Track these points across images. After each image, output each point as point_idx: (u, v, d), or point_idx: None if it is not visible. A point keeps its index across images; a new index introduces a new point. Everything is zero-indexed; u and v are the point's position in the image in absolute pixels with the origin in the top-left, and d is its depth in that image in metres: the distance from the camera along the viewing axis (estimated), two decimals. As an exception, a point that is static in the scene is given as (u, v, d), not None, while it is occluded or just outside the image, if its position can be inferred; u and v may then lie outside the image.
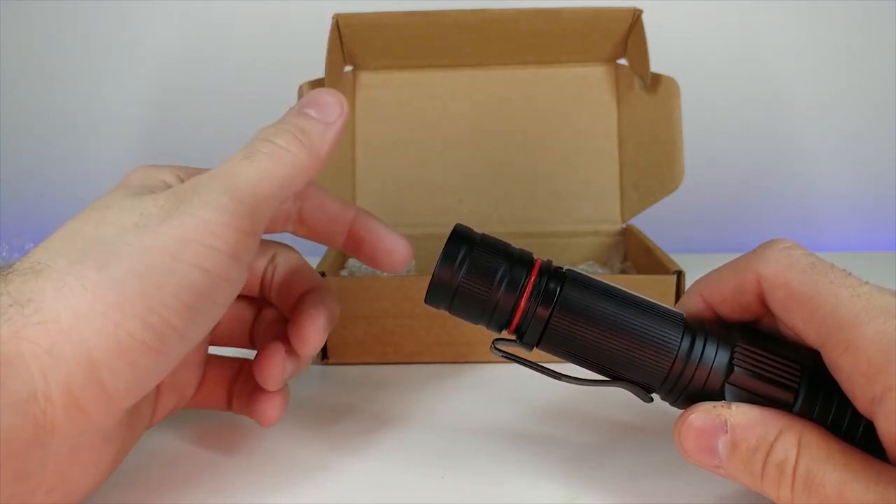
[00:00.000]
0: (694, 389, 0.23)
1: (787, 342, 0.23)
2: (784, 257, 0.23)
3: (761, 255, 0.23)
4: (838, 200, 0.62)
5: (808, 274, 0.22)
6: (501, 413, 0.32)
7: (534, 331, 0.23)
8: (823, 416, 0.22)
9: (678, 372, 0.23)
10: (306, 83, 0.43)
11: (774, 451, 0.21)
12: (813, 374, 0.22)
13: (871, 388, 0.20)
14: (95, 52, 0.61)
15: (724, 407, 0.22)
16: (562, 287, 0.23)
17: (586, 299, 0.23)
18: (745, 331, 0.24)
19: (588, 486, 0.26)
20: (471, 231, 0.24)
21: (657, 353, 0.23)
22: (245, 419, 0.29)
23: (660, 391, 0.24)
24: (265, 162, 0.23)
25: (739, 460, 0.21)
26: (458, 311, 0.24)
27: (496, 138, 0.50)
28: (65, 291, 0.20)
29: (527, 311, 0.23)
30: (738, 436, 0.21)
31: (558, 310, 0.23)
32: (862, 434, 0.21)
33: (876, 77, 0.59)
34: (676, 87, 0.43)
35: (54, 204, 0.62)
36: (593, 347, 0.23)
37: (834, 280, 0.21)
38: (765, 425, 0.21)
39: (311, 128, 0.24)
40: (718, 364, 0.22)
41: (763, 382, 0.22)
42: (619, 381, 0.24)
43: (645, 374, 0.23)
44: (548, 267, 0.24)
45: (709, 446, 0.22)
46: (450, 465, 0.28)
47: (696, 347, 0.23)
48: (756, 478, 0.21)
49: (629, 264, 0.47)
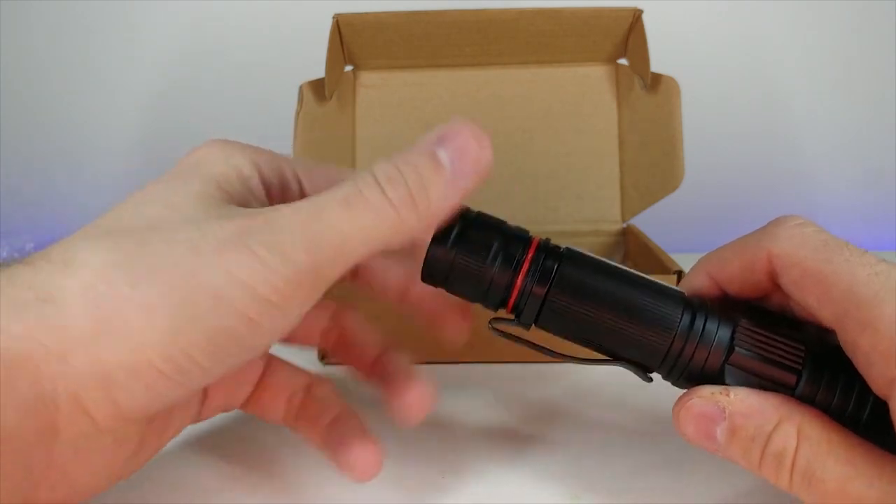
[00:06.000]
0: (694, 369, 0.22)
1: (793, 321, 0.23)
2: (797, 234, 0.22)
3: (772, 232, 0.22)
4: (838, 200, 0.62)
5: (821, 252, 0.21)
6: (502, 413, 0.32)
7: (531, 309, 0.23)
8: (827, 398, 0.21)
9: (678, 350, 0.22)
10: (306, 83, 0.43)
11: (773, 441, 0.20)
12: (817, 355, 0.22)
13: (890, 370, 0.19)
14: (95, 52, 0.61)
15: (723, 393, 0.21)
16: (559, 264, 0.23)
17: (584, 276, 0.23)
18: (748, 309, 0.23)
19: (589, 486, 0.26)
20: (467, 209, 0.24)
21: (656, 331, 0.22)
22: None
23: (659, 370, 0.23)
24: (365, 217, 0.19)
25: (737, 447, 0.21)
26: (454, 287, 0.24)
27: (496, 138, 0.49)
28: (91, 298, 0.18)
29: (523, 288, 0.23)
30: (736, 423, 0.21)
31: (555, 287, 0.22)
32: (868, 416, 0.21)
33: (876, 77, 0.59)
34: (676, 87, 0.43)
35: (54, 204, 0.62)
36: (591, 325, 0.23)
37: (850, 258, 0.20)
38: (763, 414, 0.21)
39: (434, 183, 0.20)
40: (719, 343, 0.22)
41: (764, 363, 0.22)
42: (618, 360, 0.23)
43: (644, 352, 0.22)
44: (545, 245, 0.23)
45: (707, 432, 0.21)
46: (450, 465, 0.27)
47: (697, 325, 0.22)
48: (754, 466, 0.21)
49: (629, 264, 0.47)
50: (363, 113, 0.50)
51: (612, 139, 0.49)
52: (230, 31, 0.59)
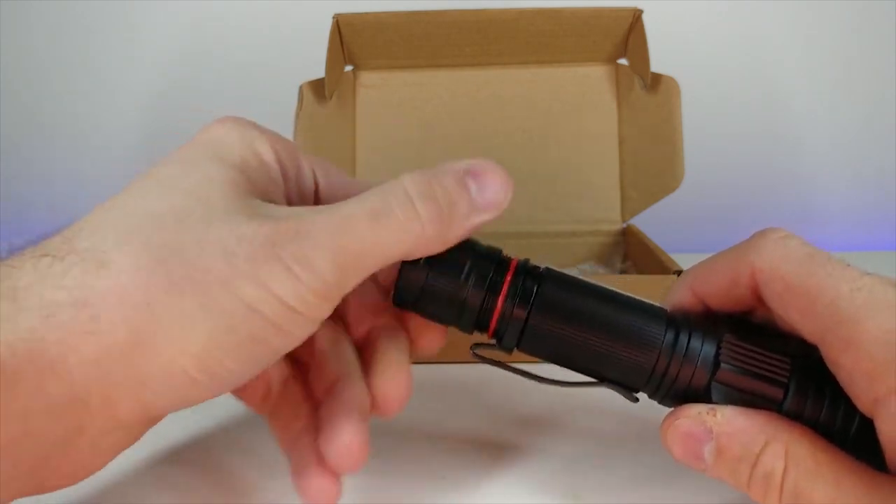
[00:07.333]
0: (680, 387, 0.22)
1: (778, 334, 0.23)
2: (780, 248, 0.21)
3: (755, 245, 0.22)
4: (838, 200, 0.62)
5: (805, 266, 0.21)
6: (503, 413, 0.32)
7: (512, 333, 0.22)
8: (814, 413, 0.21)
9: (663, 369, 0.22)
10: (306, 83, 0.43)
11: (761, 462, 0.20)
12: (803, 369, 0.21)
13: (874, 389, 0.19)
14: (95, 52, 0.61)
15: (710, 413, 0.21)
16: (538, 286, 0.22)
17: (564, 298, 0.22)
18: (732, 324, 0.23)
19: (590, 486, 0.26)
20: None
21: (640, 350, 0.22)
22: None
23: (645, 389, 0.23)
24: (393, 232, 0.20)
25: (725, 468, 0.21)
26: (427, 310, 0.23)
27: (496, 138, 0.50)
28: (127, 307, 0.18)
29: (503, 312, 0.22)
30: (723, 443, 0.21)
31: (536, 310, 0.22)
32: (855, 431, 0.21)
33: (876, 77, 0.59)
34: (676, 87, 0.43)
35: (54, 204, 0.62)
36: (574, 347, 0.22)
37: (833, 272, 0.20)
38: (750, 434, 0.20)
39: (460, 205, 0.21)
40: (704, 359, 0.22)
41: (750, 378, 0.21)
42: (603, 382, 0.23)
43: (628, 372, 0.22)
44: (524, 266, 0.23)
45: (695, 452, 0.21)
46: (450, 465, 0.27)
47: (681, 342, 0.22)
48: (742, 486, 0.21)
49: (629, 264, 0.47)
50: (363, 113, 0.50)
51: (612, 139, 0.49)
52: (230, 31, 0.59)
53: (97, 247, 0.19)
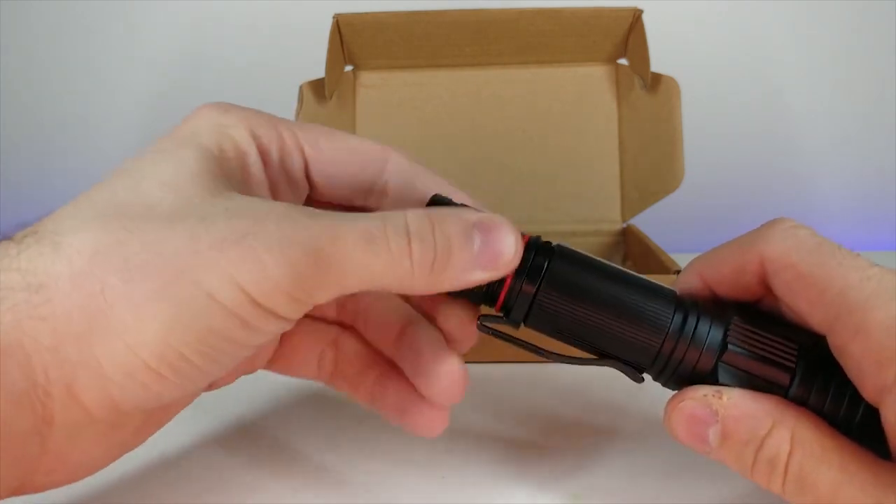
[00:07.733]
0: (685, 369, 0.22)
1: (784, 324, 0.22)
2: (790, 237, 0.21)
3: (765, 234, 0.22)
4: (838, 200, 0.62)
5: (815, 255, 0.21)
6: (503, 413, 0.32)
7: (520, 307, 0.22)
8: (820, 399, 0.21)
9: (669, 350, 0.22)
10: (306, 83, 0.43)
11: (766, 445, 0.20)
12: (811, 355, 0.21)
13: (881, 377, 0.19)
14: (95, 52, 0.61)
15: (716, 396, 0.21)
16: (549, 262, 0.22)
17: (575, 274, 0.22)
18: (741, 309, 0.23)
19: (590, 486, 0.26)
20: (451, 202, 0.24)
21: (648, 330, 0.22)
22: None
23: (651, 370, 0.23)
24: (381, 261, 0.19)
25: (730, 451, 0.21)
26: None
27: (496, 138, 0.50)
28: (81, 290, 0.17)
29: (513, 286, 0.22)
30: (729, 427, 0.20)
31: (545, 286, 0.22)
32: (860, 419, 0.21)
33: (875, 77, 0.59)
34: (676, 87, 0.43)
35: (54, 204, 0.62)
36: (581, 324, 0.22)
37: (843, 261, 0.20)
38: (756, 418, 0.20)
39: (458, 257, 0.20)
40: (711, 342, 0.22)
41: (757, 362, 0.21)
42: (609, 360, 0.23)
43: (635, 351, 0.22)
44: (536, 242, 0.23)
45: (699, 434, 0.21)
46: (451, 465, 0.27)
47: (689, 324, 0.22)
48: (746, 470, 0.21)
49: (629, 264, 0.47)
50: (363, 113, 0.50)
51: (612, 139, 0.49)
52: (230, 31, 0.59)
53: (55, 231, 0.18)
